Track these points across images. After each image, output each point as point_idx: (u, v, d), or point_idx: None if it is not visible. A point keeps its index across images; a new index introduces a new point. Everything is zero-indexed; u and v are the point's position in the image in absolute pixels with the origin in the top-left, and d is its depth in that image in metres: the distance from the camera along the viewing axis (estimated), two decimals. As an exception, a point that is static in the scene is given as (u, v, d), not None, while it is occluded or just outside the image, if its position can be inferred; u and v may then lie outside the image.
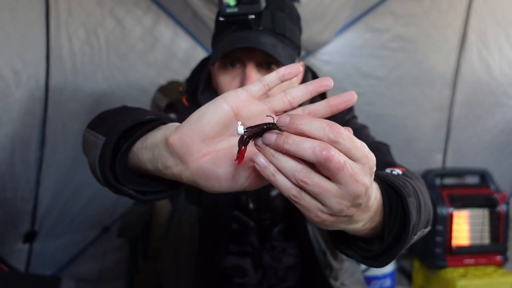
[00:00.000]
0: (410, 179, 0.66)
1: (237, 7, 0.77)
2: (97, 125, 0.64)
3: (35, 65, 1.83)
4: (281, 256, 0.99)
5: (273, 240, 0.96)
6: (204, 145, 0.48)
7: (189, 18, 2.01)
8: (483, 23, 2.19)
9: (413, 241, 0.58)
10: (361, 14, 2.11)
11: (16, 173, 1.86)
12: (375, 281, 2.12)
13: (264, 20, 0.81)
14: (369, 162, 0.44)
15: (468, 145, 2.38)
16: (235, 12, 0.77)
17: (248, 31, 0.81)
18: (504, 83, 2.30)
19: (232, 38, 0.80)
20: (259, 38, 0.80)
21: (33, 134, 1.88)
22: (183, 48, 2.07)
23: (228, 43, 0.80)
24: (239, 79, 0.84)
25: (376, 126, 2.28)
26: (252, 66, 0.83)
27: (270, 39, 0.81)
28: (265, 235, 0.96)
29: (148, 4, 1.97)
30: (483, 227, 2.16)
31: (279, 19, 0.83)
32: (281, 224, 0.95)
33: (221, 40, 0.83)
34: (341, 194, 0.43)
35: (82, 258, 2.22)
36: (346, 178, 0.43)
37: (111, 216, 2.16)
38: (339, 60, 2.17)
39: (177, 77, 2.00)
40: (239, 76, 0.85)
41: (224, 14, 0.78)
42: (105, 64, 1.97)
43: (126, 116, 0.59)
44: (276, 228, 0.95)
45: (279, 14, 0.83)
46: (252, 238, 0.96)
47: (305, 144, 0.42)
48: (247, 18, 0.78)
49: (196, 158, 0.48)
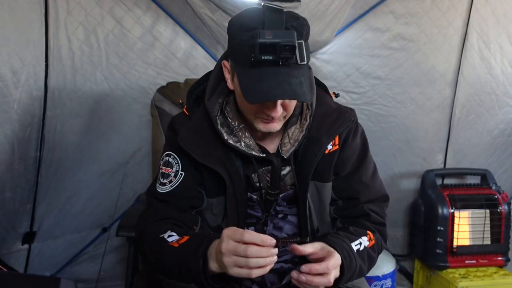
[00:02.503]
0: (363, 254, 0.99)
1: (271, 56, 0.86)
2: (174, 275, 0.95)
3: (34, 64, 1.82)
4: (283, 224, 1.10)
5: (277, 205, 1.08)
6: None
7: (189, 18, 2.01)
8: (484, 22, 2.19)
9: (354, 277, 0.97)
10: (362, 13, 2.10)
11: (15, 173, 1.85)
12: (375, 282, 2.11)
13: (291, 58, 0.88)
14: (335, 268, 0.89)
15: (469, 145, 2.37)
16: (270, 59, 0.86)
17: (277, 67, 0.88)
18: (506, 83, 2.30)
19: (267, 82, 0.88)
20: (289, 80, 0.88)
21: (32, 134, 1.87)
22: (183, 47, 2.06)
23: (266, 90, 0.88)
24: (262, 104, 0.94)
25: (376, 126, 2.29)
26: (279, 103, 0.94)
27: (297, 76, 0.89)
28: (270, 205, 1.07)
29: (147, 3, 1.96)
30: (484, 227, 2.15)
31: (301, 51, 0.90)
32: (286, 192, 1.08)
33: (253, 78, 0.90)
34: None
35: (82, 259, 2.21)
36: (330, 280, 0.87)
37: (111, 217, 2.15)
38: (339, 59, 2.16)
39: (176, 77, 1.99)
40: (264, 104, 0.94)
41: (259, 59, 0.87)
42: (104, 63, 1.96)
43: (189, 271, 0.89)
44: (281, 195, 1.07)
45: (301, 44, 0.90)
46: (257, 210, 1.08)
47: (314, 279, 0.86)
48: (280, 61, 0.87)
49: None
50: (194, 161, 1.04)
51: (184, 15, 2.00)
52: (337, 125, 1.06)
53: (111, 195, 2.09)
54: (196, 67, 2.07)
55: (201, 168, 1.05)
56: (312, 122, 1.05)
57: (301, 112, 1.06)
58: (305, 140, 1.05)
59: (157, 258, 0.96)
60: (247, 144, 1.04)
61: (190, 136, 1.04)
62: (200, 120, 1.06)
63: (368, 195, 1.10)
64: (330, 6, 1.96)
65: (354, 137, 1.11)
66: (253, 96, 0.89)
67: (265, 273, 0.83)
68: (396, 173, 2.36)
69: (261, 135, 1.06)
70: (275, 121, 0.98)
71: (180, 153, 1.06)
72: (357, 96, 2.22)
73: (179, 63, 2.06)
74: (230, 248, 0.81)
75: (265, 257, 0.81)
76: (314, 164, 1.03)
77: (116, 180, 2.09)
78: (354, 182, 1.09)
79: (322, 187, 1.08)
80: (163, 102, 1.65)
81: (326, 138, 1.04)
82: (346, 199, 1.10)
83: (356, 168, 1.10)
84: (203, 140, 1.04)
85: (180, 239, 0.93)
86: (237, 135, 1.04)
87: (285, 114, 0.99)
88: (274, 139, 1.07)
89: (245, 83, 0.92)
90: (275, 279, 1.12)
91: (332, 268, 0.86)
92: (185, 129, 1.06)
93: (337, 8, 1.97)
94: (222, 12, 1.93)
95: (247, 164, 1.05)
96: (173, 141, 1.08)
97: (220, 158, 1.03)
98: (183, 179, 1.05)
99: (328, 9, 1.96)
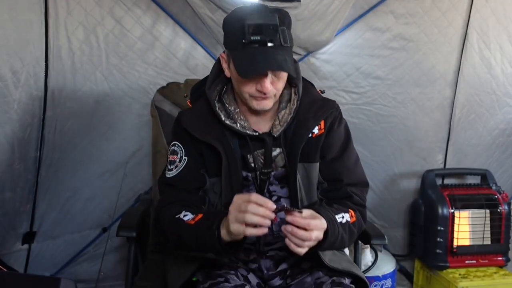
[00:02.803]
0: (346, 226, 1.12)
1: (259, 36, 1.03)
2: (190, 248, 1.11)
3: (34, 64, 1.82)
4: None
5: (269, 184, 1.19)
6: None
7: (188, 18, 2.01)
8: (484, 22, 2.19)
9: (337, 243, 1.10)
10: (362, 13, 2.10)
11: (15, 173, 1.85)
12: (375, 282, 2.11)
13: (276, 40, 1.05)
14: (319, 230, 1.00)
15: (469, 145, 2.37)
16: (258, 39, 1.04)
17: (265, 48, 1.04)
18: (506, 83, 2.30)
19: (257, 59, 1.04)
20: (275, 56, 1.04)
21: (31, 134, 1.87)
22: (183, 47, 2.06)
23: (254, 64, 1.04)
24: (255, 81, 1.09)
25: (376, 126, 2.29)
26: (268, 76, 1.08)
27: (281, 54, 1.05)
28: (264, 184, 1.18)
29: (147, 3, 1.96)
30: (485, 227, 2.15)
31: (284, 34, 1.05)
32: (278, 171, 1.20)
33: (246, 56, 1.05)
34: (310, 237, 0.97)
35: (82, 259, 2.21)
36: (312, 237, 0.98)
37: (111, 217, 2.15)
38: (339, 59, 2.16)
39: (176, 77, 1.99)
40: (256, 78, 1.09)
41: (249, 40, 1.04)
42: (104, 63, 1.96)
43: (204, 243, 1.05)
44: (273, 173, 1.18)
45: (284, 30, 1.06)
46: (252, 190, 1.18)
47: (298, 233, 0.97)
48: (265, 40, 1.04)
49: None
50: (195, 145, 1.18)
51: (184, 15, 2.00)
52: (322, 111, 1.20)
53: (111, 195, 2.09)
54: (196, 67, 2.07)
55: (202, 149, 1.18)
56: (300, 108, 1.19)
57: (290, 100, 1.20)
58: (294, 123, 1.18)
59: (177, 236, 1.11)
60: (242, 125, 1.17)
61: (191, 118, 1.20)
62: (201, 106, 1.22)
63: (351, 179, 1.22)
64: (330, 6, 1.96)
65: (339, 126, 1.24)
66: (246, 71, 1.06)
67: (261, 234, 0.96)
68: (396, 173, 2.36)
69: (254, 119, 1.19)
70: (266, 98, 1.11)
71: (184, 140, 1.20)
72: (357, 96, 2.22)
73: (179, 63, 2.06)
74: (235, 206, 0.96)
75: (261, 216, 0.93)
76: (302, 143, 1.16)
77: (116, 180, 2.09)
78: (338, 165, 1.21)
79: (310, 168, 1.19)
80: (163, 103, 1.65)
81: (313, 122, 1.18)
82: (331, 181, 1.21)
83: (340, 154, 1.23)
84: (203, 122, 1.18)
85: (195, 217, 1.07)
86: (233, 118, 1.18)
87: (274, 92, 1.12)
88: (266, 124, 1.20)
89: (238, 62, 1.07)
90: (271, 265, 1.21)
91: (313, 226, 0.97)
92: (188, 114, 1.23)
93: (337, 8, 1.97)
94: (222, 12, 1.93)
95: (243, 145, 1.18)
96: (177, 131, 1.23)
97: (218, 136, 1.16)
98: (187, 163, 1.18)
99: (328, 9, 1.96)
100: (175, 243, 1.15)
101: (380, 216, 2.43)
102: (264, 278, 1.21)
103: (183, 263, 1.17)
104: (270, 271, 1.21)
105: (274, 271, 1.21)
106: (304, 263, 1.18)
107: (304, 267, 1.18)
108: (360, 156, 2.33)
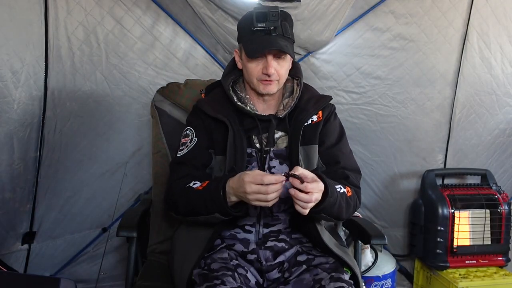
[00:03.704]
0: (343, 195, 1.23)
1: (264, 23, 1.25)
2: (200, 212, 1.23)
3: (34, 64, 1.82)
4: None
5: (270, 159, 1.32)
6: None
7: (189, 18, 2.01)
8: (485, 22, 2.19)
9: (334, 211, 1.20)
10: (362, 13, 2.10)
11: (15, 174, 1.85)
12: (376, 282, 2.11)
13: (278, 28, 1.27)
14: (317, 192, 1.10)
15: (470, 145, 2.37)
16: (263, 26, 1.26)
17: (269, 36, 1.26)
18: (506, 83, 2.29)
19: (263, 42, 1.25)
20: (278, 41, 1.25)
21: (31, 134, 1.87)
22: (183, 47, 2.06)
23: (261, 46, 1.25)
24: (262, 64, 1.28)
25: (376, 126, 2.29)
26: (271, 57, 1.27)
27: (283, 41, 1.26)
28: (265, 160, 1.32)
29: (147, 3, 1.96)
30: (485, 228, 2.15)
31: (286, 27, 1.28)
32: (278, 149, 1.34)
33: (254, 42, 1.26)
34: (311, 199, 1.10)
35: (81, 259, 2.21)
36: (312, 199, 1.10)
37: (110, 217, 2.15)
38: (340, 59, 2.16)
39: (176, 77, 1.99)
40: (262, 62, 1.28)
41: (256, 27, 1.26)
42: (104, 63, 1.97)
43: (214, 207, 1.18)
44: (272, 149, 1.33)
45: (286, 24, 1.29)
46: (255, 167, 1.30)
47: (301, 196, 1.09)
48: (270, 28, 1.26)
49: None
50: (206, 125, 1.34)
51: (184, 15, 2.00)
52: (321, 101, 1.39)
53: (111, 195, 2.09)
54: (196, 67, 2.07)
55: (212, 127, 1.33)
56: (301, 99, 1.37)
57: (292, 91, 1.39)
58: (296, 111, 1.35)
59: (186, 202, 1.24)
60: (252, 108, 1.35)
61: (206, 101, 1.39)
62: (215, 94, 1.42)
63: (347, 163, 1.36)
64: (330, 6, 1.96)
65: (334, 120, 1.41)
66: (253, 51, 1.26)
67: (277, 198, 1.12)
68: (396, 173, 2.36)
69: (262, 106, 1.37)
70: (271, 83, 1.29)
71: (196, 124, 1.36)
72: (357, 96, 2.22)
73: (179, 63, 2.06)
74: (254, 190, 1.09)
75: (278, 191, 1.10)
76: (302, 126, 1.32)
77: (116, 180, 2.09)
78: (335, 150, 1.37)
79: (310, 149, 1.34)
80: (163, 103, 1.64)
81: (312, 110, 1.36)
82: (329, 164, 1.35)
83: (337, 142, 1.39)
84: (217, 104, 1.36)
85: (203, 184, 1.23)
86: (244, 102, 1.36)
87: (277, 77, 1.29)
88: (272, 111, 1.37)
89: (248, 46, 1.28)
90: (270, 256, 1.27)
91: (310, 188, 1.08)
92: (204, 99, 1.43)
93: (337, 8, 1.97)
94: (222, 12, 1.93)
95: (250, 128, 1.34)
96: (191, 117, 1.40)
97: (228, 115, 1.32)
98: (196, 143, 1.33)
99: (328, 9, 1.96)
100: (186, 210, 1.26)
101: (380, 216, 2.43)
102: (262, 270, 1.26)
103: (184, 258, 1.24)
104: (269, 262, 1.26)
105: (272, 262, 1.26)
106: (300, 256, 1.26)
107: (300, 259, 1.25)
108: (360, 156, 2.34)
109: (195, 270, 1.19)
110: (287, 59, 1.30)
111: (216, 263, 1.19)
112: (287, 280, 1.22)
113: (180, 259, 1.26)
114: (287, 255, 1.27)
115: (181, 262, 1.25)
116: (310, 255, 1.25)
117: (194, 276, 1.18)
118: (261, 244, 1.27)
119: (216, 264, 1.19)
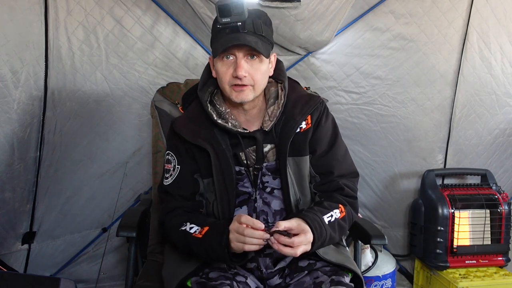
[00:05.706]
0: (334, 224, 1.19)
1: (229, 18, 1.13)
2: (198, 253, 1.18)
3: (34, 64, 1.82)
4: (271, 199, 1.26)
5: (262, 175, 1.26)
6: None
7: (188, 18, 2.01)
8: (485, 22, 2.18)
9: (326, 242, 1.17)
10: (362, 13, 2.11)
11: (15, 174, 1.85)
12: (376, 282, 2.11)
13: (248, 25, 1.15)
14: (306, 244, 1.09)
15: (470, 145, 2.37)
16: (228, 21, 1.14)
17: (237, 33, 1.15)
18: (506, 83, 2.29)
19: (228, 39, 1.14)
20: (245, 37, 1.14)
21: (31, 134, 1.88)
22: (183, 47, 2.06)
23: (225, 42, 1.15)
24: (232, 67, 1.17)
25: (376, 126, 2.29)
26: (241, 56, 1.16)
27: (253, 38, 1.15)
28: (257, 176, 1.25)
29: (147, 3, 1.96)
30: (485, 228, 2.15)
31: (257, 24, 1.17)
32: (269, 163, 1.27)
33: (219, 40, 1.16)
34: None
35: (81, 259, 2.22)
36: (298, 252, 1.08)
37: (110, 217, 2.16)
38: (339, 59, 2.16)
39: (176, 77, 1.99)
40: (233, 64, 1.17)
41: (220, 23, 1.15)
42: (104, 63, 1.97)
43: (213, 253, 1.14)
44: (264, 164, 1.25)
45: (257, 20, 1.17)
46: (246, 185, 1.25)
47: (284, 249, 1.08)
48: (236, 24, 1.14)
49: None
50: (188, 149, 1.25)
51: (184, 15, 2.00)
52: (308, 106, 1.27)
53: (111, 195, 2.09)
54: (196, 67, 2.07)
55: (194, 152, 1.24)
56: (287, 105, 1.26)
57: (277, 96, 1.27)
58: (283, 119, 1.25)
59: (184, 246, 1.20)
60: (233, 124, 1.23)
61: (183, 123, 1.28)
62: (192, 110, 1.30)
63: (341, 170, 1.29)
64: (330, 6, 1.96)
65: (326, 120, 1.30)
66: (216, 50, 1.16)
67: (259, 249, 1.09)
68: (396, 173, 2.36)
69: (244, 118, 1.26)
70: (244, 88, 1.17)
71: (176, 149, 1.28)
72: (357, 96, 2.22)
73: (179, 63, 2.06)
74: (234, 227, 1.08)
75: (257, 238, 1.06)
76: (290, 137, 1.22)
77: (116, 180, 2.10)
78: (328, 159, 1.28)
79: (300, 161, 1.26)
80: (163, 103, 1.64)
81: (300, 117, 1.25)
82: (323, 174, 1.28)
83: (329, 148, 1.29)
84: (194, 124, 1.26)
85: (201, 230, 1.16)
86: (225, 118, 1.24)
87: (252, 82, 1.18)
88: (256, 122, 1.27)
89: (215, 46, 1.18)
90: (269, 263, 1.25)
91: (297, 243, 1.06)
92: (180, 119, 1.31)
93: (337, 8, 1.97)
94: (222, 12, 1.92)
95: (235, 144, 1.24)
96: (170, 138, 1.30)
97: (208, 138, 1.23)
98: (179, 171, 1.26)
99: (328, 9, 1.96)
100: (185, 251, 1.22)
101: (380, 216, 2.43)
102: (263, 278, 1.24)
103: (179, 264, 1.23)
104: (269, 269, 1.24)
105: (272, 269, 1.24)
106: (301, 261, 1.23)
107: (302, 265, 1.22)
108: (360, 156, 2.34)
109: (193, 278, 1.17)
110: (263, 61, 1.18)
111: (214, 272, 1.18)
112: (288, 284, 1.21)
113: (171, 267, 1.25)
114: (287, 260, 1.25)
115: (172, 270, 1.23)
116: (312, 260, 1.22)
117: (192, 283, 1.16)
118: (260, 252, 1.22)
119: (215, 273, 1.17)
